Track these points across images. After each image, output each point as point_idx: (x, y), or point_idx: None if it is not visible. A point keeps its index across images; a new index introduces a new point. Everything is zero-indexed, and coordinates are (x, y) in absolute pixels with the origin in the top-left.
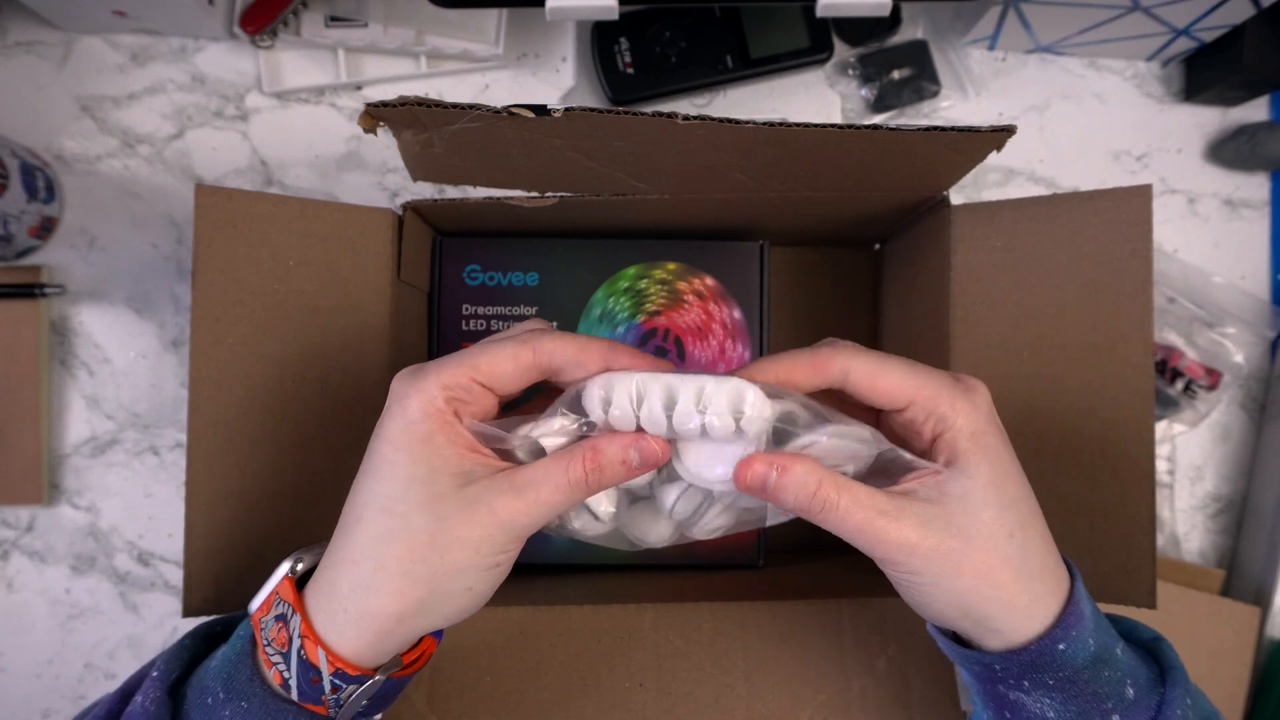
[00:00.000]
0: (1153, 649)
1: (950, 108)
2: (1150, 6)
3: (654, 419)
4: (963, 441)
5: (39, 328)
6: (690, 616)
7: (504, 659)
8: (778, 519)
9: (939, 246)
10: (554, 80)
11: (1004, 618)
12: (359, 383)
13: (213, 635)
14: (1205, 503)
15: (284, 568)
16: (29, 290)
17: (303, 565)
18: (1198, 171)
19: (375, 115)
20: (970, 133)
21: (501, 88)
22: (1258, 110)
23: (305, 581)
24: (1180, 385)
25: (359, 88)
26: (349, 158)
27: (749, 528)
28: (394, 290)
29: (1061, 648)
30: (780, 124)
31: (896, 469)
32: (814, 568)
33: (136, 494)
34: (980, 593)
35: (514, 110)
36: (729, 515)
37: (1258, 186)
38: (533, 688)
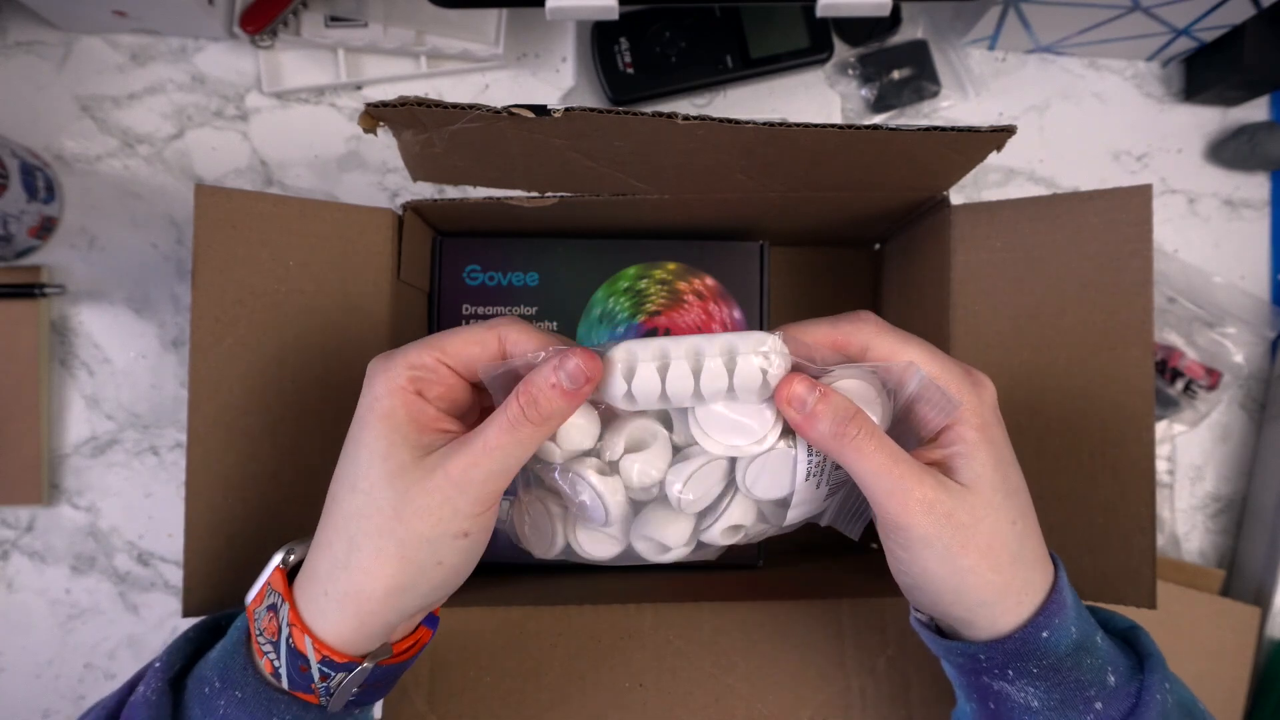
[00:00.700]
0: (1129, 637)
1: (950, 108)
2: (1150, 6)
3: (681, 386)
4: (971, 432)
5: (39, 328)
6: (690, 616)
7: (504, 659)
8: (795, 519)
9: (939, 246)
10: (554, 80)
11: (998, 603)
12: (359, 383)
13: (216, 628)
14: (1205, 503)
15: (276, 558)
16: (29, 290)
17: (294, 556)
18: (1198, 171)
19: (375, 115)
20: (970, 133)
21: (501, 88)
22: (1258, 110)
23: (298, 572)
24: (1180, 385)
25: (359, 88)
26: (349, 158)
27: (762, 532)
28: (394, 290)
29: (1045, 635)
30: (780, 124)
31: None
32: (814, 568)
33: (136, 494)
34: (979, 574)
35: (514, 110)
36: (747, 509)
37: (1258, 186)
38: (533, 688)
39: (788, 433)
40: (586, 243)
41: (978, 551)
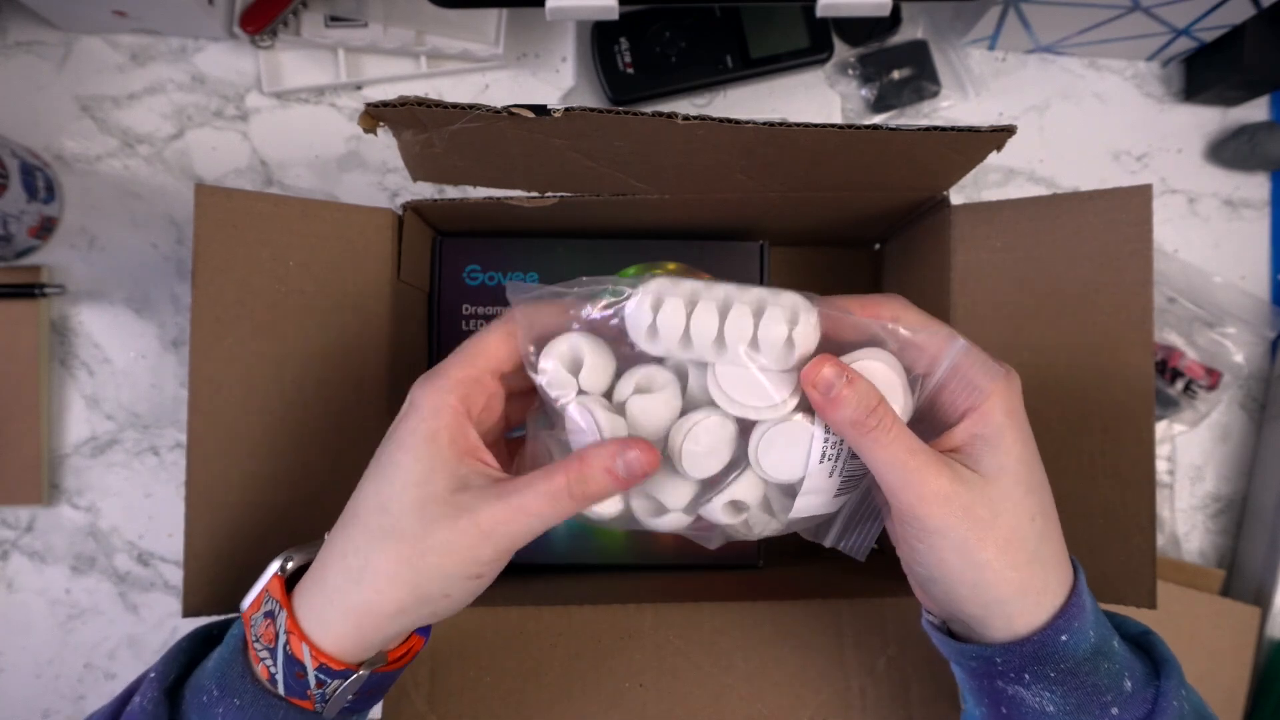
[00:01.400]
0: (1144, 643)
1: (950, 108)
2: (1150, 6)
3: (704, 326)
4: (998, 417)
5: (39, 328)
6: (690, 616)
7: (504, 659)
8: (801, 511)
9: (939, 246)
10: (554, 80)
11: (1015, 601)
12: (359, 383)
13: (210, 637)
14: (1205, 503)
15: (274, 566)
16: (29, 290)
17: (293, 564)
18: (1198, 171)
19: (375, 115)
20: (970, 133)
21: (501, 88)
22: (1258, 110)
23: (297, 579)
24: (1180, 385)
25: (359, 88)
26: (349, 158)
27: (765, 525)
28: (394, 290)
29: (1064, 639)
30: (780, 124)
31: (931, 436)
32: (814, 568)
33: (136, 494)
34: (997, 570)
35: (514, 110)
36: (752, 486)
37: (1258, 186)
38: (533, 688)
39: (807, 407)
40: (586, 243)
41: (995, 546)
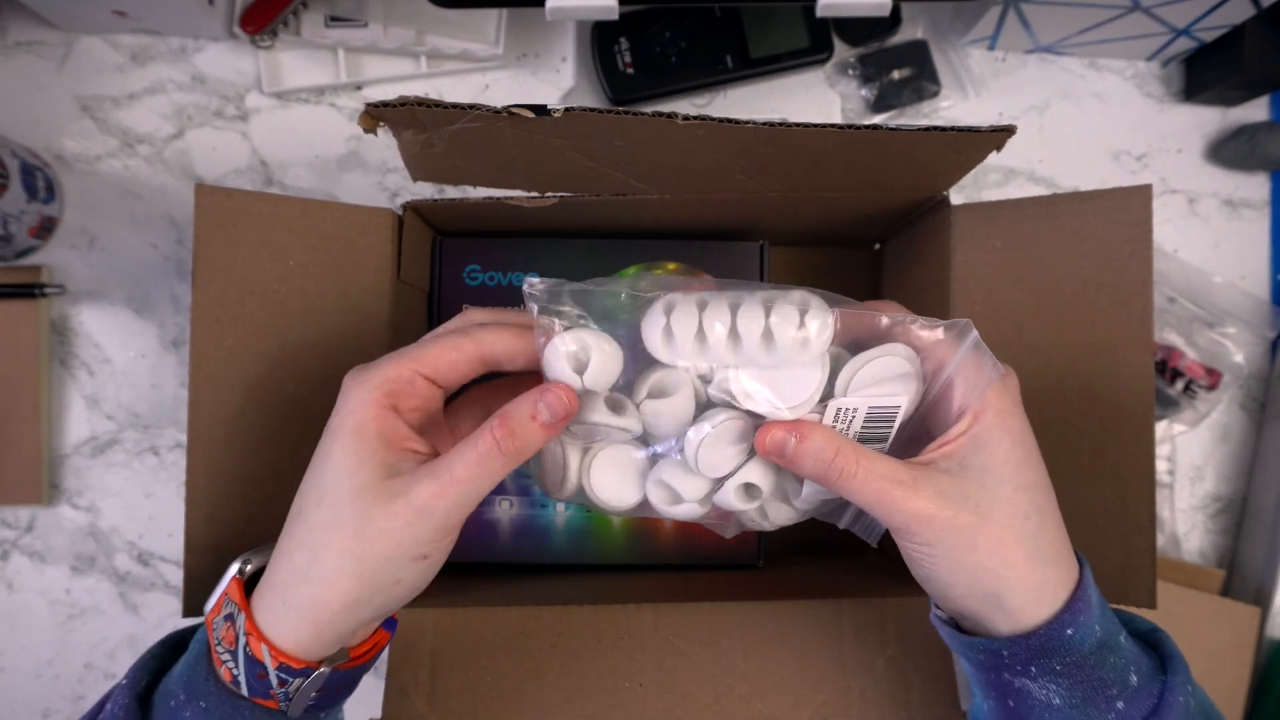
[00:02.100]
0: (1151, 639)
1: (950, 108)
2: (1150, 6)
3: (717, 332)
4: (989, 416)
5: (39, 328)
6: (690, 616)
7: (504, 659)
8: (811, 498)
9: (939, 246)
10: (554, 80)
11: (1013, 596)
12: None
13: (181, 642)
14: (1205, 503)
15: (233, 569)
16: (29, 290)
17: (251, 566)
18: (1198, 171)
19: (375, 115)
20: (970, 133)
21: (501, 88)
22: (1258, 110)
23: (256, 582)
24: (1180, 385)
25: (359, 88)
26: (349, 158)
27: (779, 514)
28: (394, 290)
29: (1070, 633)
30: (780, 124)
31: (923, 435)
32: (814, 568)
33: (136, 494)
34: (990, 569)
35: (514, 110)
36: (765, 470)
37: (1258, 186)
38: (533, 688)
39: (823, 400)
40: (586, 243)
41: (986, 548)
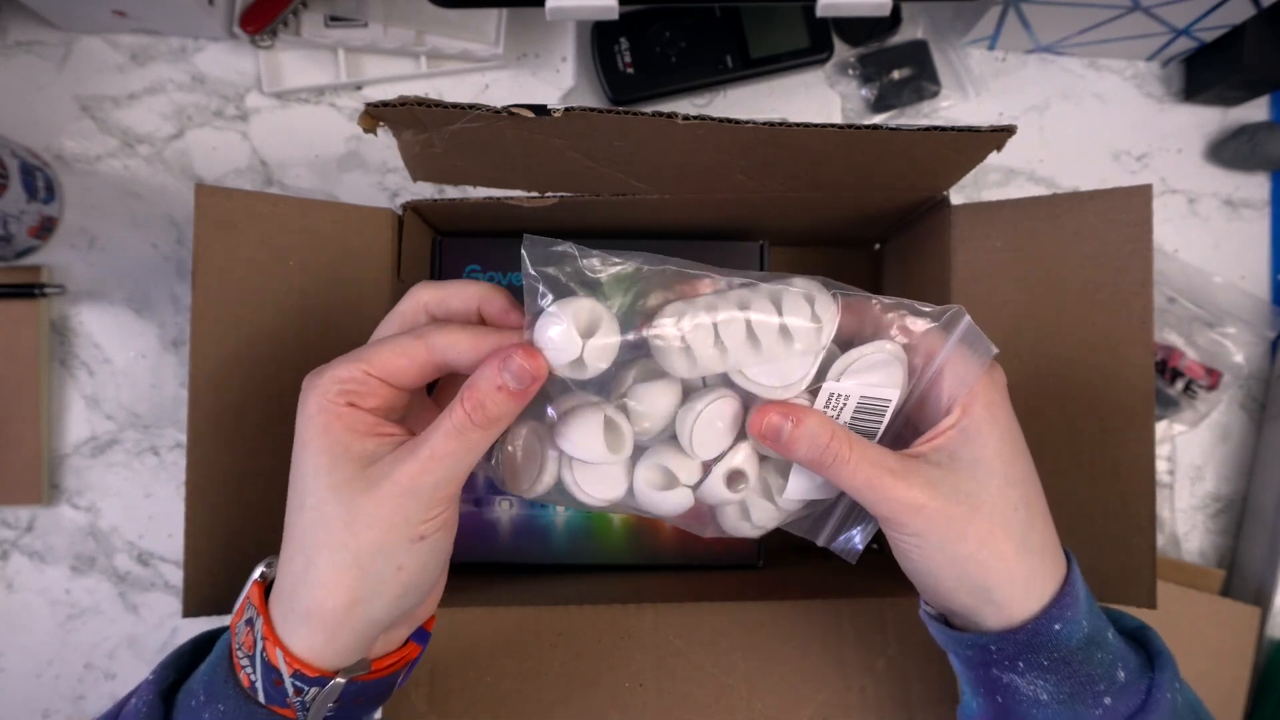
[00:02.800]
0: (1139, 636)
1: (950, 108)
2: (1150, 6)
3: (734, 330)
4: (978, 409)
5: (39, 328)
6: (690, 616)
7: (504, 659)
8: (795, 495)
9: (939, 246)
10: (554, 80)
11: (1003, 589)
12: None
13: (210, 641)
14: (1205, 503)
15: (256, 573)
16: (29, 290)
17: (272, 571)
18: (1198, 171)
19: (375, 115)
20: (970, 133)
21: (501, 88)
22: (1258, 110)
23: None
24: (1180, 385)
25: (359, 88)
26: (349, 158)
27: (764, 511)
28: (394, 290)
29: (1057, 628)
30: (780, 124)
31: (909, 432)
32: (814, 568)
33: (136, 494)
34: (980, 560)
35: (514, 110)
36: (751, 458)
37: (1258, 186)
38: (533, 688)
39: (820, 379)
40: (586, 243)
41: (977, 539)
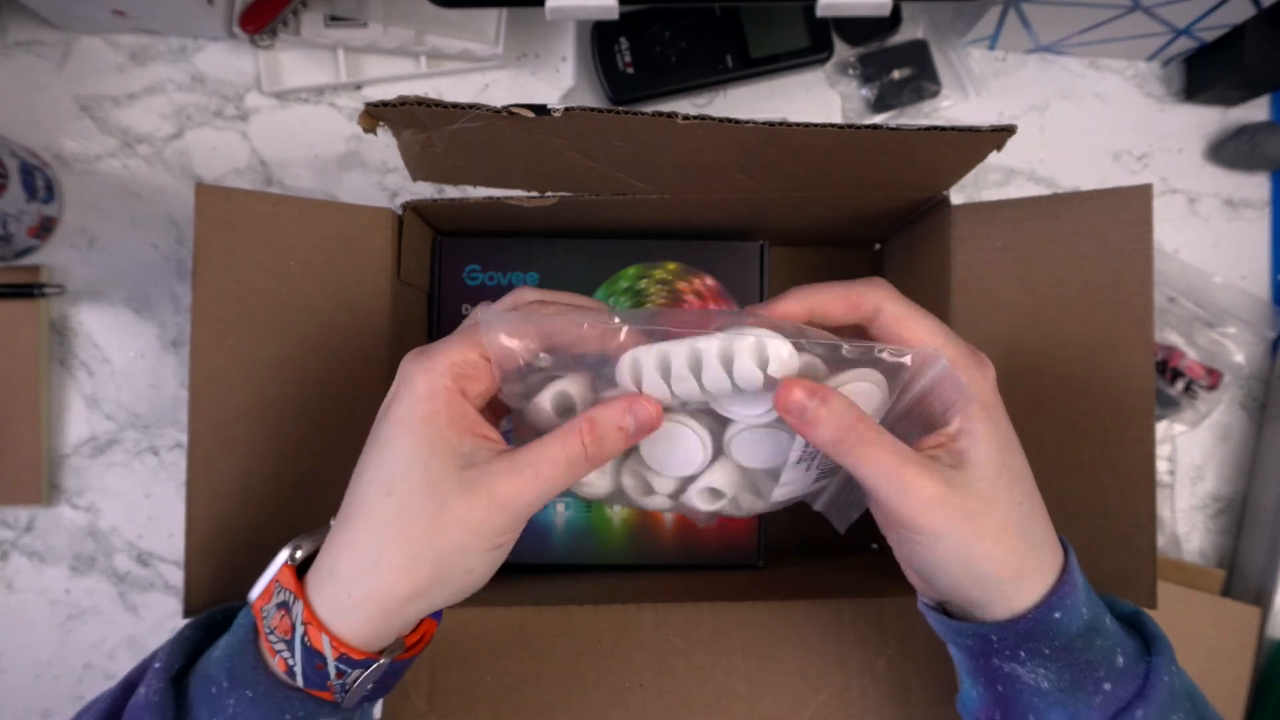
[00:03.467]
0: (1135, 622)
1: (950, 108)
2: (1150, 6)
3: (683, 383)
4: (977, 409)
5: (39, 328)
6: (690, 616)
7: (504, 659)
8: (781, 498)
9: (939, 246)
10: (554, 80)
11: (1012, 583)
12: (359, 383)
13: (214, 625)
14: (1205, 503)
15: (283, 555)
16: (29, 290)
17: (301, 552)
18: (1198, 171)
19: (375, 115)
20: (970, 133)
21: (501, 88)
22: (1258, 110)
23: (305, 568)
24: (1180, 385)
25: (359, 87)
26: (349, 157)
27: (752, 507)
28: (394, 290)
29: (1057, 616)
30: (780, 124)
31: (912, 435)
32: (814, 568)
33: (136, 494)
34: (994, 557)
35: (514, 110)
36: (728, 474)
37: (1258, 186)
38: (533, 688)
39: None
40: (586, 243)
41: (991, 537)
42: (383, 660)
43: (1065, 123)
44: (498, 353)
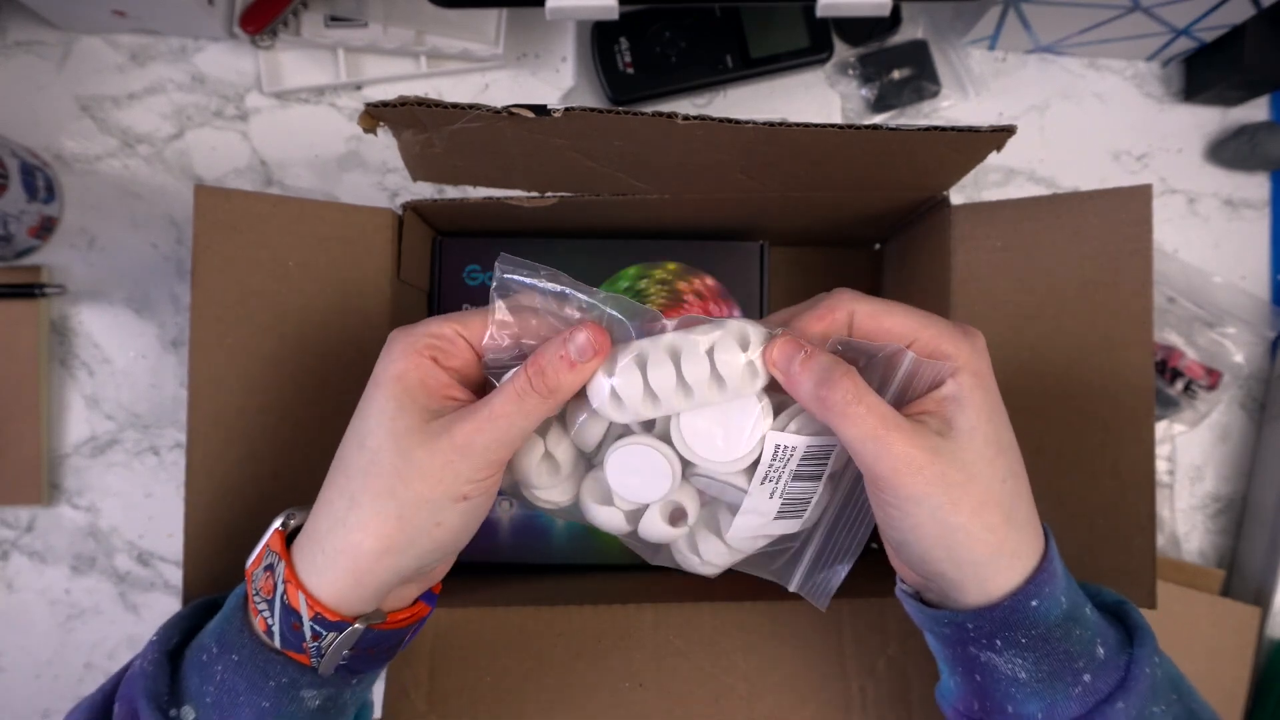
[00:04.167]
0: (1118, 611)
1: (950, 108)
2: (1150, 6)
3: (659, 368)
4: (967, 378)
5: (39, 328)
6: (690, 616)
7: (504, 659)
8: (742, 530)
9: (939, 246)
10: (554, 80)
11: (989, 563)
12: (358, 383)
13: (213, 605)
14: (1205, 503)
15: (276, 522)
16: (29, 290)
17: (294, 521)
18: (1198, 171)
19: (375, 115)
20: (970, 133)
21: (501, 88)
22: (1258, 110)
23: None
24: (1180, 385)
25: (359, 88)
26: (349, 158)
27: (719, 553)
28: (394, 290)
29: (1035, 604)
30: (780, 124)
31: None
32: None
33: (136, 494)
34: (972, 532)
35: (514, 110)
36: (688, 495)
37: (1258, 186)
38: (533, 688)
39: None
40: (586, 243)
41: (970, 509)
42: (357, 625)
43: (1065, 123)
44: (502, 310)
